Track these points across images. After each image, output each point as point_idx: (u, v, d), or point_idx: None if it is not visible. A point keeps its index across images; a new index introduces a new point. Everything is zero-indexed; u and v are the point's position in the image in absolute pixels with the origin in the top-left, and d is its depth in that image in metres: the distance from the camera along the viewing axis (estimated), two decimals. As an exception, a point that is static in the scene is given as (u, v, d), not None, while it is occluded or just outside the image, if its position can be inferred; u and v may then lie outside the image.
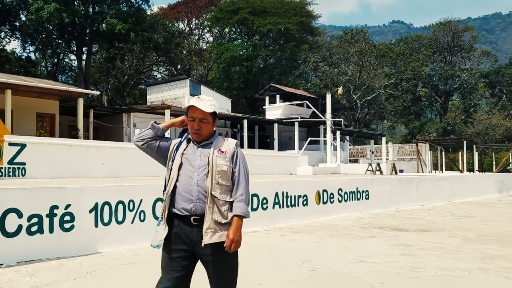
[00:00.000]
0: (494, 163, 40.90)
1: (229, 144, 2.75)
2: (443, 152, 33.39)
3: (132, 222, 6.24)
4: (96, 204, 5.90)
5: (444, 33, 57.77)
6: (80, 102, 19.30)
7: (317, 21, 53.47)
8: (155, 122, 2.84)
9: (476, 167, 32.71)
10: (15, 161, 13.58)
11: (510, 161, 35.11)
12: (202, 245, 2.53)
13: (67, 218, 5.62)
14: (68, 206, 5.63)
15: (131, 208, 6.23)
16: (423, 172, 30.05)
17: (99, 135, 23.10)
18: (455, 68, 55.95)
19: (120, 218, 6.11)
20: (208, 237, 2.54)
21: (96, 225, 5.91)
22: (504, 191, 20.03)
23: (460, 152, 34.51)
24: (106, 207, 5.98)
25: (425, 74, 54.96)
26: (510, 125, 52.71)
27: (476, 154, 32.51)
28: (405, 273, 5.13)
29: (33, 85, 17.74)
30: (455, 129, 54.86)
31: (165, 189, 2.73)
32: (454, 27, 57.11)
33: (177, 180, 2.64)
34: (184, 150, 2.71)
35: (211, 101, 2.72)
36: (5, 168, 13.29)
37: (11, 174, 13.48)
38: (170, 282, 2.59)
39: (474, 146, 31.13)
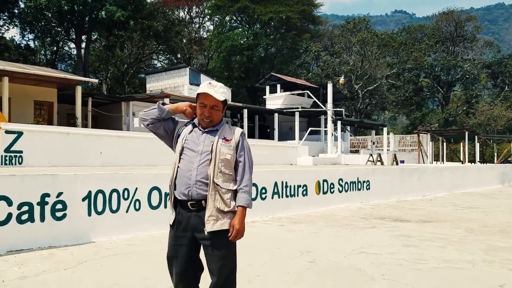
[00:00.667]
0: (495, 154, 40.71)
1: (235, 132, 2.71)
2: (445, 143, 33.18)
3: (126, 211, 6.07)
4: (90, 192, 5.73)
5: (447, 23, 57.14)
6: (78, 90, 19.08)
7: (319, 10, 52.93)
8: (162, 103, 2.78)
9: (477, 158, 32.51)
10: (12, 149, 13.40)
11: (512, 152, 34.92)
12: (205, 232, 2.52)
13: (59, 206, 5.45)
14: (60, 194, 5.46)
15: (125, 196, 6.05)
16: (424, 163, 29.86)
17: (98, 123, 22.92)
18: (458, 58, 55.46)
19: (114, 207, 5.94)
20: (210, 225, 2.52)
21: (89, 214, 5.74)
22: (506, 182, 19.88)
23: (461, 143, 34.30)
24: (100, 196, 5.80)
25: (427, 64, 54.47)
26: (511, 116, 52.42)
27: (477, 145, 32.27)
28: (407, 265, 4.97)
29: (31, 72, 17.51)
30: (457, 120, 54.57)
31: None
32: (457, 17, 56.47)
33: (179, 164, 2.63)
34: (188, 134, 2.69)
35: (222, 88, 2.69)
36: (1, 156, 13.12)
37: (7, 162, 13.32)
38: (178, 265, 2.60)
39: (476, 137, 30.88)
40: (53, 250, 5.29)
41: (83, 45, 38.10)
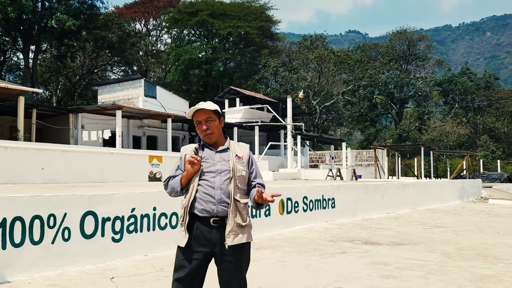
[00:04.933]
0: (448, 169, 41.74)
1: (243, 149, 2.87)
2: (399, 158, 33.49)
3: (52, 242, 4.95)
4: (4, 220, 4.59)
5: (400, 41, 58.87)
6: (21, 100, 17.44)
7: (277, 27, 52.96)
8: (168, 181, 2.83)
9: (432, 173, 32.99)
10: None
11: (464, 167, 35.76)
12: (226, 247, 2.62)
13: (-39, 239, 4.31)
14: (-37, 223, 4.32)
15: (51, 224, 4.95)
16: (381, 178, 29.89)
17: (43, 137, 21.20)
18: (410, 76, 57.06)
19: (36, 238, 4.82)
20: (231, 239, 2.63)
21: (4, 247, 4.60)
22: (464, 197, 19.91)
23: (416, 158, 34.74)
24: (18, 224, 4.68)
25: (381, 82, 55.66)
26: (462, 132, 54.35)
27: (432, 160, 32.78)
28: (392, 304, 4.21)
29: (-36, 80, 15.84)
30: (410, 136, 55.91)
31: (182, 192, 2.78)
32: (410, 36, 58.31)
33: (199, 185, 2.69)
34: (202, 156, 2.75)
35: (211, 103, 2.83)
36: None
37: None
38: (186, 276, 2.67)
39: (431, 152, 31.32)
40: (-50, 296, 4.14)
41: (32, 55, 36.02)
